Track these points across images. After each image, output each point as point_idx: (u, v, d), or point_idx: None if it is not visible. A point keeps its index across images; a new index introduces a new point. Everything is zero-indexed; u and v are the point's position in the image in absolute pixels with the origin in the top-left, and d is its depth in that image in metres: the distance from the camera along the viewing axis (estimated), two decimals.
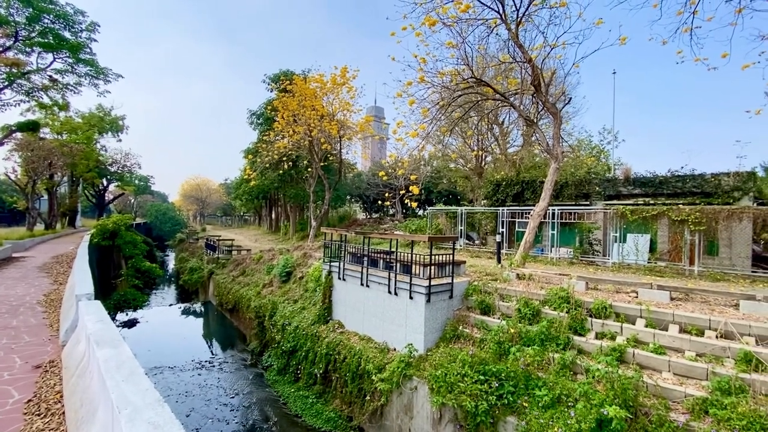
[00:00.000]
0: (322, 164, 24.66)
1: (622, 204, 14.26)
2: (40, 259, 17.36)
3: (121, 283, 24.54)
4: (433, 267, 9.84)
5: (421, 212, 33.90)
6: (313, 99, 21.68)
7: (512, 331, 8.30)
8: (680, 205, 12.56)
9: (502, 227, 16.61)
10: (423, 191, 31.32)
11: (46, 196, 34.99)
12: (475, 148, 24.07)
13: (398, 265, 10.49)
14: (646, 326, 7.64)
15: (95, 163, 36.86)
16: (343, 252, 12.79)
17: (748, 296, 7.82)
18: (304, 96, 21.64)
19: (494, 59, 15.47)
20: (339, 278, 12.46)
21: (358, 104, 23.67)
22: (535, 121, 12.88)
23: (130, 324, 20.11)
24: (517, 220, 16.82)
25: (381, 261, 11.50)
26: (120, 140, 41.24)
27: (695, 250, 12.01)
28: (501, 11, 10.45)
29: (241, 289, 19.94)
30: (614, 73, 20.46)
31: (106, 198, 52.59)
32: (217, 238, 31.74)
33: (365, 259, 11.56)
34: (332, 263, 12.96)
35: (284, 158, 23.25)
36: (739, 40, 8.83)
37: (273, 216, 46.35)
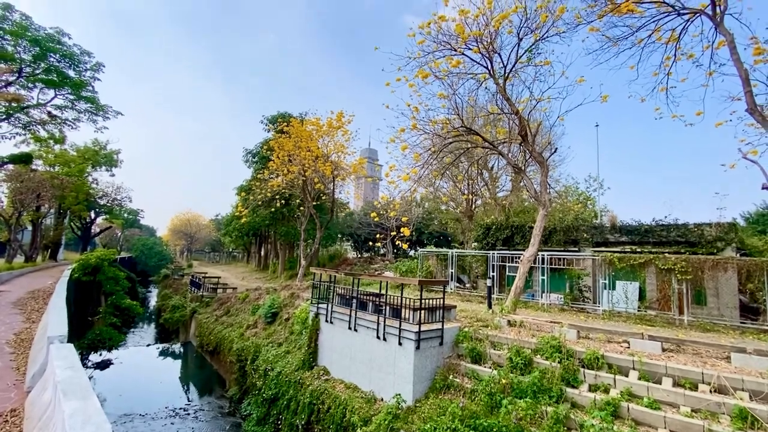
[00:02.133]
0: (314, 203, 24.81)
1: (610, 251, 14.43)
2: (16, 294, 16.64)
3: (98, 320, 23.49)
4: (423, 311, 9.67)
5: (412, 252, 33.82)
6: (309, 141, 22.23)
7: (504, 381, 8.03)
8: (666, 254, 12.76)
9: (493, 271, 16.58)
10: (414, 232, 31.45)
11: (30, 228, 34.24)
12: (466, 192, 24.56)
13: (387, 308, 10.29)
14: (640, 379, 7.48)
15: (85, 195, 36.56)
16: (331, 293, 12.55)
17: (738, 349, 7.77)
18: (300, 137, 22.19)
19: (483, 110, 16.23)
20: (326, 321, 12.12)
21: (352, 146, 24.30)
22: (522, 168, 13.30)
23: (104, 365, 19.03)
24: (507, 264, 16.84)
25: (370, 303, 11.29)
26: (113, 174, 41.30)
27: (684, 300, 12.05)
28: (489, 67, 11.12)
29: (224, 330, 19.20)
30: (597, 126, 21.59)
31: (93, 231, 51.65)
32: (203, 274, 31.00)
33: (354, 301, 11.33)
34: (320, 305, 12.66)
35: (277, 196, 23.39)
36: (713, 100, 9.47)
37: (262, 253, 45.75)
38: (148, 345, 24.92)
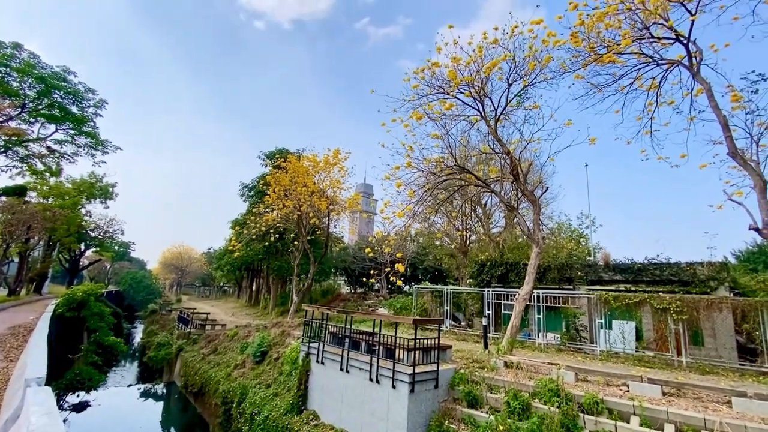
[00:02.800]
0: (308, 237, 24.73)
1: (605, 289, 14.39)
2: None
3: (79, 359, 22.48)
4: (417, 352, 9.42)
5: (406, 288, 33.37)
6: (306, 176, 22.53)
7: (501, 428, 7.72)
8: (661, 293, 12.74)
9: (488, 309, 16.36)
10: (408, 268, 31.19)
11: (17, 260, 33.49)
12: (460, 228, 24.71)
13: (381, 348, 10.02)
14: (641, 425, 7.23)
15: (77, 227, 36.16)
16: (323, 332, 12.23)
17: (739, 393, 7.60)
18: (297, 173, 22.50)
19: (476, 149, 16.71)
20: (317, 361, 11.72)
21: (348, 182, 24.64)
22: (515, 206, 13.51)
23: (81, 407, 18.01)
24: (502, 302, 16.65)
25: (363, 343, 10.98)
26: (107, 207, 41.09)
27: (681, 340, 11.89)
28: (481, 110, 11.59)
29: (210, 370, 18.43)
30: (586, 165, 22.26)
31: (81, 263, 50.60)
32: (191, 310, 30.16)
33: (346, 340, 11.04)
34: (311, 344, 12.29)
35: (271, 230, 23.32)
36: (696, 143, 9.88)
37: (254, 288, 44.87)
38: (129, 385, 23.75)
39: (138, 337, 41.17)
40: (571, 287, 15.90)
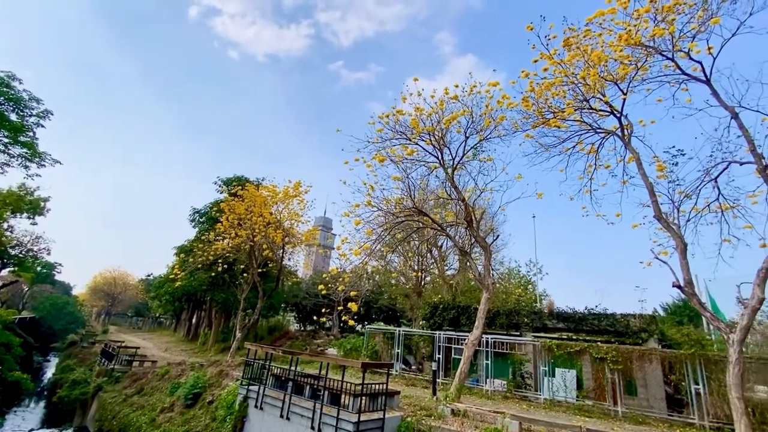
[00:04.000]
0: (260, 270, 23.71)
1: (548, 337, 14.91)
2: None
3: None
4: (364, 398, 9.06)
5: (359, 327, 32.50)
6: (263, 206, 21.99)
7: None
8: (599, 343, 13.40)
9: (439, 353, 16.26)
10: (363, 306, 30.59)
11: None
12: (416, 268, 24.91)
13: (326, 393, 9.53)
14: None
15: None
16: (266, 373, 11.46)
17: None
18: (254, 202, 21.93)
19: (434, 193, 17.36)
20: (256, 406, 10.87)
21: (307, 215, 24.35)
22: (467, 251, 13.95)
23: None
24: (453, 346, 16.66)
25: (307, 387, 10.40)
26: (35, 223, 37.12)
27: (617, 389, 12.42)
28: (440, 158, 12.20)
29: (132, 413, 16.43)
30: (534, 217, 23.76)
31: None
32: (118, 343, 27.20)
33: (290, 384, 10.40)
34: (251, 386, 11.45)
35: (220, 260, 22.15)
36: (629, 204, 10.91)
37: (194, 321, 41.66)
38: (31, 430, 20.49)
39: (50, 372, 36.14)
40: (518, 333, 16.31)
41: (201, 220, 30.52)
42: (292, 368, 10.74)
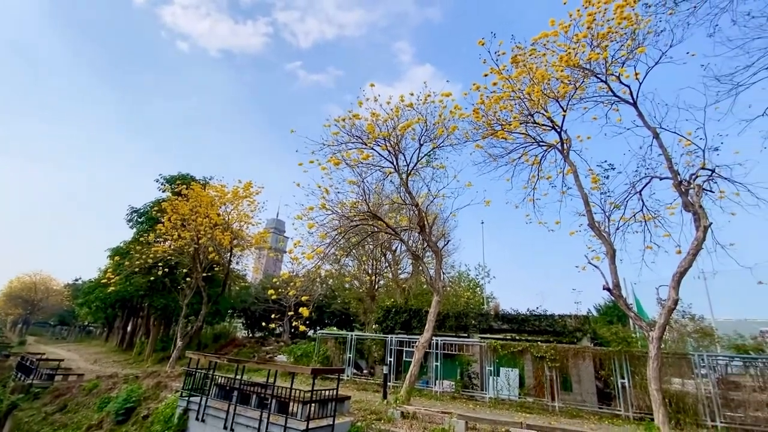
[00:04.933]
0: (205, 274, 22.46)
1: (494, 338, 15.59)
2: None
3: None
4: (314, 405, 8.87)
5: (311, 332, 31.86)
6: (209, 207, 20.90)
7: None
8: (539, 342, 14.24)
9: (390, 356, 16.38)
10: (315, 311, 30.01)
11: None
12: (370, 272, 24.96)
13: (274, 401, 9.21)
14: None
15: None
16: (209, 383, 10.85)
17: None
18: (200, 202, 20.77)
19: (388, 198, 17.55)
20: (197, 419, 10.25)
21: (258, 217, 23.47)
22: (420, 256, 14.24)
23: None
24: (404, 349, 16.86)
25: (254, 396, 9.99)
26: None
27: (554, 386, 13.27)
28: (395, 163, 12.37)
29: None
30: (482, 223, 24.86)
31: None
32: (38, 356, 24.39)
33: (235, 393, 9.93)
34: (192, 398, 10.78)
35: (160, 263, 20.68)
36: (567, 213, 11.73)
37: (129, 329, 38.45)
38: None
39: None
40: (466, 335, 16.88)
41: (140, 220, 28.34)
42: (238, 377, 10.27)
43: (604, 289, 10.90)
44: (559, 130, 12.37)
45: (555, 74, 11.42)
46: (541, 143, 13.19)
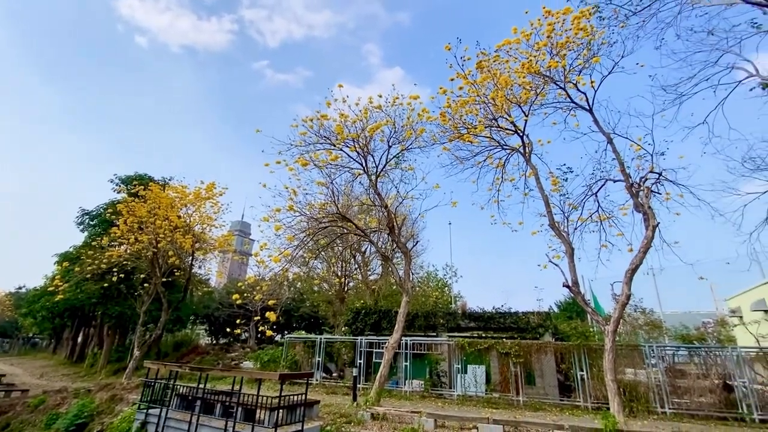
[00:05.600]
0: (164, 279, 21.38)
1: (461, 336, 15.93)
2: None
3: None
4: (281, 411, 8.67)
5: (279, 337, 31.16)
6: (169, 209, 19.93)
7: None
8: (504, 339, 14.71)
9: (360, 358, 16.33)
10: (282, 315, 29.40)
11: None
12: (339, 274, 24.77)
13: (240, 409, 8.93)
14: None
15: None
16: (170, 394, 10.35)
17: (558, 426, 9.03)
18: (159, 204, 19.76)
19: (358, 199, 17.51)
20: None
21: (222, 219, 22.66)
22: (389, 257, 14.32)
23: None
24: (374, 350, 16.86)
25: (219, 405, 9.64)
26: None
27: (519, 381, 13.74)
28: (364, 165, 12.37)
29: None
30: (450, 224, 25.34)
31: None
32: None
33: (198, 403, 9.53)
34: (150, 410, 10.23)
35: (115, 269, 19.47)
36: (530, 214, 12.20)
37: (79, 340, 35.94)
38: None
39: None
40: (435, 334, 17.13)
41: (92, 223, 26.53)
42: (201, 386, 9.86)
43: (564, 286, 11.43)
44: (521, 134, 12.86)
45: (517, 80, 11.88)
46: (504, 146, 13.65)
